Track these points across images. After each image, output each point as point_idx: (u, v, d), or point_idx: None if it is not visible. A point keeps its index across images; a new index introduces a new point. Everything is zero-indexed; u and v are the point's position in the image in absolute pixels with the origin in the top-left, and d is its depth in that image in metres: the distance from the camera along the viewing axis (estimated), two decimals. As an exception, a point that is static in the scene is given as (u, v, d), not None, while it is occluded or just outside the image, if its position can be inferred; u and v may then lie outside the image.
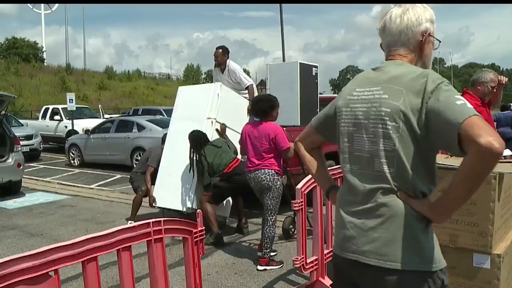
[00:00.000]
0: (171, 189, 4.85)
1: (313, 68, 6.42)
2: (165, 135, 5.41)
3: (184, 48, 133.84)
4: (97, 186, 8.15)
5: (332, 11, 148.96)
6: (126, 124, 10.34)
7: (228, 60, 5.74)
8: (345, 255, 1.36)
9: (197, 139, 4.49)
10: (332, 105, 1.50)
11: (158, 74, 58.02)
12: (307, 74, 6.27)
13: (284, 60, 16.03)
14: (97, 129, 10.82)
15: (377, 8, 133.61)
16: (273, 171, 3.70)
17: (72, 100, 14.04)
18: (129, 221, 5.13)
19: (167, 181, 4.94)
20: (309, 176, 3.16)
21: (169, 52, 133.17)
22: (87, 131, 10.89)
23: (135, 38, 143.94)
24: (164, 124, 8.95)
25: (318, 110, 6.61)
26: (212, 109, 4.92)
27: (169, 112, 11.75)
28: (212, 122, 4.86)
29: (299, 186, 2.94)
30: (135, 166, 9.52)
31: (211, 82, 5.89)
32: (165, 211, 5.20)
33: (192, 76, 64.85)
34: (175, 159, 4.95)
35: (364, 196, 1.32)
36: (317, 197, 3.06)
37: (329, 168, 3.48)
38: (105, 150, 10.21)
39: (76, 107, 14.64)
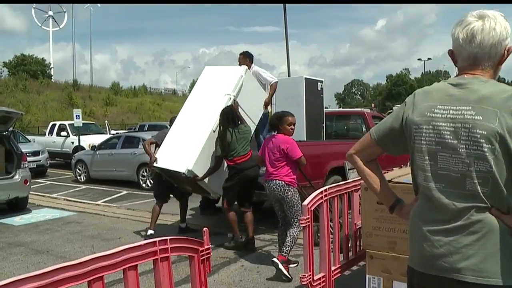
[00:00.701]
0: (174, 152, 4.89)
1: (319, 83, 6.46)
2: (173, 117, 5.52)
3: (190, 64, 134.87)
4: (103, 202, 8.17)
5: (337, 26, 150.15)
6: (132, 140, 10.40)
7: (252, 65, 5.70)
8: (434, 273, 1.35)
9: (226, 115, 4.61)
10: (398, 119, 1.47)
11: (164, 90, 58.52)
12: (313, 88, 6.31)
13: (289, 74, 16.14)
14: (103, 145, 10.90)
15: (381, 22, 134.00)
16: (283, 182, 3.92)
17: (78, 116, 14.18)
18: (149, 231, 5.22)
19: (171, 146, 4.97)
20: (316, 192, 3.16)
21: (175, 67, 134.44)
22: (93, 147, 11.00)
23: (142, 54, 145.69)
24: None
25: (324, 124, 6.62)
26: (232, 87, 5.00)
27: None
28: (230, 98, 4.92)
29: (305, 202, 2.93)
30: (141, 182, 9.70)
31: None
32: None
33: (198, 91, 65.33)
34: (184, 128, 5.03)
35: (454, 214, 1.31)
36: (323, 213, 3.04)
37: (336, 184, 3.48)
38: (111, 166, 10.26)
39: (83, 123, 14.77)
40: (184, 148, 4.84)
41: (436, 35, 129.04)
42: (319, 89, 6.46)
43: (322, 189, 3.27)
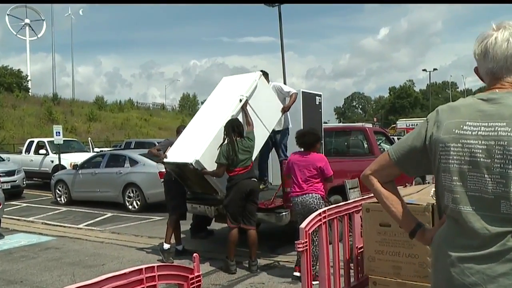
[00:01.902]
0: (184, 148, 5.21)
1: (317, 97, 6.53)
2: (181, 126, 5.98)
3: (180, 77, 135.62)
4: (85, 225, 8.09)
5: (336, 35, 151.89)
6: (117, 159, 10.37)
7: (270, 82, 5.92)
8: None
9: (232, 125, 4.85)
10: (420, 137, 1.45)
11: (152, 104, 58.84)
12: (311, 103, 6.37)
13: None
14: (86, 163, 10.85)
15: (384, 30, 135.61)
16: (319, 195, 4.42)
17: (59, 132, 14.11)
18: (165, 244, 5.39)
19: (182, 144, 5.32)
20: (314, 214, 3.17)
21: (164, 80, 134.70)
22: (75, 166, 10.92)
23: (128, 66, 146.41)
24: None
25: (323, 141, 6.67)
26: (246, 88, 5.33)
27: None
28: (241, 99, 5.22)
29: (302, 225, 2.94)
30: (127, 203, 9.64)
31: None
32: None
33: (189, 106, 65.73)
34: (196, 128, 5.42)
35: (487, 240, 1.29)
36: (322, 237, 3.05)
37: (337, 204, 3.50)
38: (95, 187, 10.19)
39: (64, 140, 14.69)
40: (194, 143, 5.14)
41: (443, 44, 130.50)
42: (317, 103, 6.52)
43: (321, 210, 3.29)
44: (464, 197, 1.34)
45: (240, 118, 5.15)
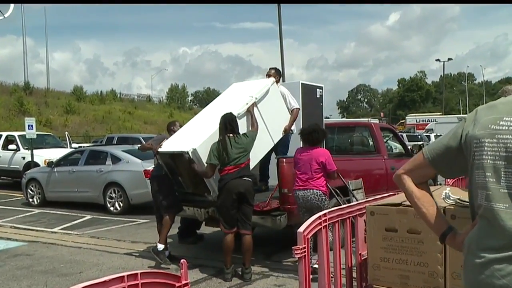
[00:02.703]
0: (181, 138, 5.41)
1: (318, 90, 6.55)
2: (172, 121, 6.15)
3: (168, 66, 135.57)
4: (61, 229, 8.06)
5: (340, 21, 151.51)
6: (98, 155, 10.34)
7: (278, 84, 6.07)
8: None
9: (226, 121, 4.91)
10: (456, 137, 1.55)
11: (137, 96, 58.59)
12: (311, 96, 6.38)
13: (284, 79, 16.25)
14: (63, 161, 10.81)
15: (394, 16, 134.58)
16: (320, 191, 4.76)
17: (31, 126, 14.04)
18: (159, 245, 5.41)
19: (180, 136, 5.51)
20: (314, 217, 3.19)
21: (151, 69, 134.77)
22: (50, 164, 10.89)
23: (111, 53, 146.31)
24: (144, 155, 8.83)
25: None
26: (256, 91, 5.57)
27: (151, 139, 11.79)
28: (248, 102, 5.39)
29: (300, 229, 2.96)
30: (108, 205, 9.64)
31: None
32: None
33: (177, 98, 65.61)
34: (197, 124, 5.63)
35: None
36: (322, 242, 3.07)
37: (337, 207, 3.52)
38: (72, 186, 10.16)
39: (37, 135, 14.61)
40: (193, 135, 5.30)
41: (460, 31, 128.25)
42: (318, 96, 6.54)
43: (321, 213, 3.30)
44: (497, 194, 1.40)
45: (244, 120, 5.26)
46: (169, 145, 5.39)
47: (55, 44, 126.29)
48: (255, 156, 5.30)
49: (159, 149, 5.38)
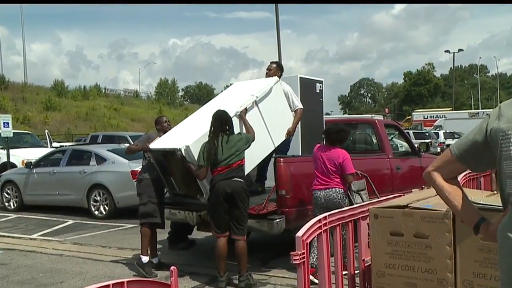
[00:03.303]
0: (175, 136, 5.49)
1: (317, 84, 6.56)
2: (160, 116, 6.15)
3: (157, 58, 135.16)
4: (40, 235, 8.04)
5: (342, 11, 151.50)
6: (81, 155, 10.31)
7: (281, 82, 6.07)
8: None
9: (218, 119, 4.94)
10: (481, 131, 1.76)
11: (123, 91, 58.57)
12: (310, 91, 6.39)
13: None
14: (43, 161, 10.78)
15: (400, 4, 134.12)
16: (342, 190, 5.01)
17: (7, 123, 13.96)
18: (143, 257, 5.41)
19: (173, 134, 5.60)
20: (314, 220, 3.19)
21: (138, 63, 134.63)
22: (28, 164, 10.82)
23: (94, 44, 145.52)
24: (132, 155, 8.88)
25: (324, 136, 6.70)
26: (258, 89, 5.62)
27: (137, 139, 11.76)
28: (251, 97, 5.48)
29: (299, 234, 2.96)
30: (92, 208, 9.62)
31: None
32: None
33: (167, 93, 65.52)
34: (192, 122, 5.74)
35: None
36: (323, 247, 3.08)
37: (338, 210, 3.52)
38: (53, 189, 10.12)
39: (14, 133, 14.58)
40: (187, 132, 5.36)
41: (472, 20, 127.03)
42: (318, 91, 6.55)
43: (321, 216, 3.31)
44: None
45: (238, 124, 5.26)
46: (162, 142, 5.42)
47: (33, 34, 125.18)
48: (253, 160, 5.32)
49: (151, 146, 5.41)
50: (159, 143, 5.46)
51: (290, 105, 5.92)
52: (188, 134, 5.29)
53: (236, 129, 5.13)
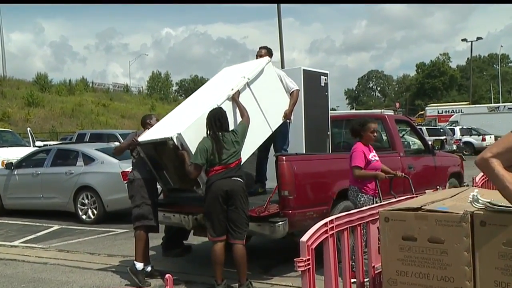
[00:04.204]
0: (165, 126, 5.53)
1: (322, 77, 6.55)
2: (147, 115, 6.16)
3: (148, 50, 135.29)
4: (22, 242, 8.05)
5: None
6: (67, 155, 10.33)
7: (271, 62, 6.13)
8: None
9: (213, 117, 4.96)
10: None
11: (112, 85, 58.66)
12: (314, 84, 6.39)
13: (283, 65, 16.29)
14: (25, 161, 10.79)
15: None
16: (356, 187, 5.14)
17: (-14, 121, 13.99)
18: (137, 264, 5.41)
19: (163, 124, 5.66)
20: (319, 224, 3.19)
21: (128, 55, 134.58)
22: (9, 165, 10.82)
23: (81, 34, 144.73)
24: (122, 155, 8.86)
25: (330, 132, 6.71)
26: (249, 70, 5.68)
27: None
28: (242, 79, 5.51)
29: (304, 238, 2.96)
30: (80, 212, 9.62)
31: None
32: None
33: (160, 87, 65.60)
34: (181, 111, 5.82)
35: None
36: (329, 252, 3.08)
37: (346, 213, 3.52)
38: (36, 192, 10.14)
39: (-8, 131, 14.61)
40: (178, 121, 5.42)
41: (493, 4, 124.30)
42: (322, 84, 6.54)
43: (327, 219, 3.31)
44: None
45: (231, 108, 5.29)
46: (151, 134, 5.44)
47: (12, 22, 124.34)
48: (249, 147, 5.32)
49: (139, 139, 5.42)
50: (148, 134, 5.48)
51: (284, 88, 5.94)
52: (179, 123, 5.32)
53: (230, 113, 5.16)
